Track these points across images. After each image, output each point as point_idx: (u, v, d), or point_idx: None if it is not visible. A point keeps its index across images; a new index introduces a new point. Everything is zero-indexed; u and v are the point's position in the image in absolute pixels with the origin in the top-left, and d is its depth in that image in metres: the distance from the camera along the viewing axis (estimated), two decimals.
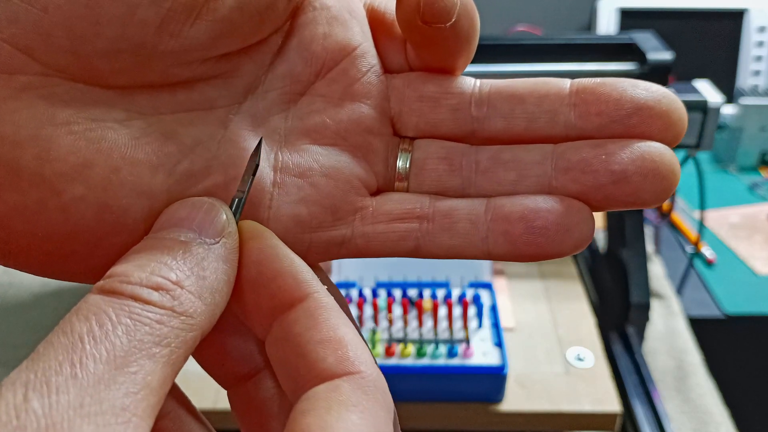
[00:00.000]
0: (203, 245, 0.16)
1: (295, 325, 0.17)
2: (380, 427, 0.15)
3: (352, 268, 0.55)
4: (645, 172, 0.17)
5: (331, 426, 0.15)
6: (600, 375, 0.49)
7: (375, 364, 0.16)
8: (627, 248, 0.60)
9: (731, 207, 0.93)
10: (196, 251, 0.16)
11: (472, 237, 0.19)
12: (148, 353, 0.14)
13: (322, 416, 0.15)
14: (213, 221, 0.17)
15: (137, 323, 0.14)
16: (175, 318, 0.15)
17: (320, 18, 0.19)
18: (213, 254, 0.16)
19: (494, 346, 0.48)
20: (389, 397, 0.16)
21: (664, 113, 0.18)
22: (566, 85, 0.19)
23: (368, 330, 0.49)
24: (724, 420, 0.58)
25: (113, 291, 0.15)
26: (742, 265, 0.82)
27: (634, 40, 0.58)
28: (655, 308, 0.70)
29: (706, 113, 0.57)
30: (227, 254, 0.16)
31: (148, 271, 0.15)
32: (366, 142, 0.20)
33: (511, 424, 0.47)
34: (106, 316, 0.14)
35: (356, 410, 0.15)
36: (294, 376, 0.16)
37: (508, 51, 0.59)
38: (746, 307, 0.76)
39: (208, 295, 0.16)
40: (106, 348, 0.14)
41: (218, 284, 0.16)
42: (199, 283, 0.16)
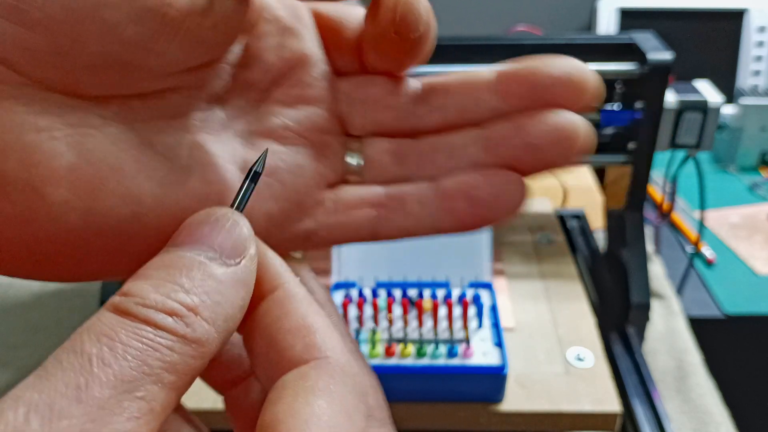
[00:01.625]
0: (223, 266, 0.16)
1: (266, 316, 0.17)
2: (349, 411, 0.16)
3: (352, 268, 0.55)
4: (554, 139, 0.20)
5: (298, 412, 0.15)
6: (600, 375, 0.49)
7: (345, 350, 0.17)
8: (627, 248, 0.60)
9: (731, 207, 0.93)
10: (214, 273, 0.16)
11: (422, 217, 0.21)
12: (155, 379, 0.14)
13: (290, 404, 0.16)
14: (235, 240, 0.16)
15: (148, 348, 0.14)
16: (187, 345, 0.15)
17: (273, 30, 0.20)
18: (232, 277, 0.16)
19: (494, 346, 0.48)
20: (361, 379, 0.17)
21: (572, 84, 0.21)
22: (493, 74, 0.21)
23: (368, 330, 0.49)
24: (724, 420, 0.58)
25: (127, 312, 0.15)
26: (742, 265, 0.82)
27: (634, 40, 0.58)
28: (656, 308, 0.70)
29: (706, 113, 0.57)
30: (246, 277, 0.16)
31: (164, 294, 0.15)
32: (323, 141, 0.21)
33: (512, 424, 0.47)
34: (117, 339, 0.14)
35: (323, 395, 0.16)
36: (267, 366, 0.17)
37: (508, 51, 0.59)
38: (746, 307, 0.76)
39: (222, 323, 0.16)
40: (114, 372, 0.14)
41: (233, 310, 0.16)
42: (215, 309, 0.16)
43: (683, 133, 0.58)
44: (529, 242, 0.66)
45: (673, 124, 0.58)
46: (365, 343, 0.48)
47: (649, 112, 0.57)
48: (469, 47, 0.60)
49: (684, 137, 0.58)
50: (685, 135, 0.58)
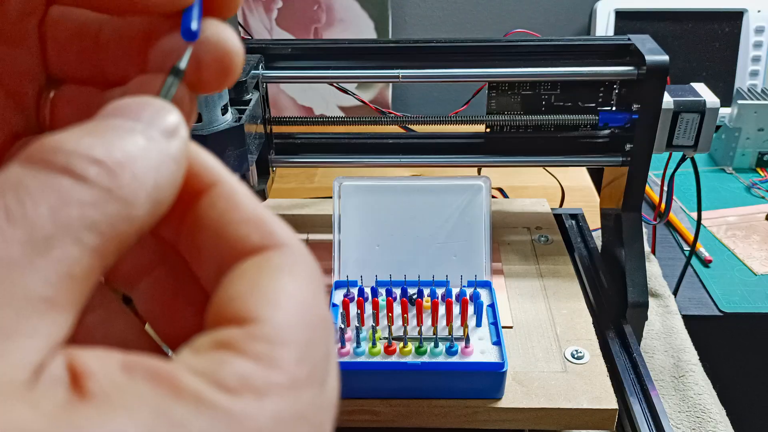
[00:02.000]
0: (152, 139, 0.14)
1: (211, 209, 0.15)
2: (314, 290, 0.15)
3: (352, 267, 0.55)
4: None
5: (264, 286, 0.14)
6: (598, 373, 0.50)
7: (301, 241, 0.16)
8: (624, 248, 0.61)
9: (729, 208, 0.93)
10: (141, 141, 0.14)
11: None
12: (74, 239, 0.12)
13: (255, 280, 0.14)
14: (166, 119, 0.15)
15: (65, 202, 0.12)
16: (112, 203, 0.13)
17: None
18: (161, 150, 0.14)
19: (493, 344, 0.49)
20: (318, 267, 0.16)
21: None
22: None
23: (368, 328, 0.50)
24: (722, 418, 0.58)
25: (41, 161, 0.13)
26: (739, 264, 0.82)
27: (631, 42, 0.59)
28: (653, 307, 0.70)
29: (704, 115, 0.58)
30: (177, 155, 0.15)
31: (87, 144, 0.13)
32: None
33: (510, 421, 0.48)
34: (26, 192, 0.12)
35: (289, 273, 0.15)
36: (215, 260, 0.16)
37: (505, 53, 0.60)
38: (744, 307, 0.76)
39: (153, 189, 0.14)
40: (24, 229, 0.12)
41: (164, 181, 0.14)
42: (145, 171, 0.14)
43: (681, 135, 0.59)
44: (528, 241, 0.66)
45: (670, 126, 0.58)
46: (365, 341, 0.49)
47: (647, 114, 0.57)
48: (467, 49, 0.60)
49: (681, 138, 0.59)
50: (682, 136, 0.59)
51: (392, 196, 0.58)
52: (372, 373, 0.47)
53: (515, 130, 0.64)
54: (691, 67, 1.11)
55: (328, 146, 0.66)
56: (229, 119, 0.51)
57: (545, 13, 1.18)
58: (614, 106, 0.63)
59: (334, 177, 0.58)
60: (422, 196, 0.57)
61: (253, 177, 0.61)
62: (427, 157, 0.65)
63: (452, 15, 1.19)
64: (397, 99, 1.25)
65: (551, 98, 0.63)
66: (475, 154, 0.65)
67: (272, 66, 0.61)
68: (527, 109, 0.64)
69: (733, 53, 1.12)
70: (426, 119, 0.62)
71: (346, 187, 0.57)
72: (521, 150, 0.65)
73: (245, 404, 0.13)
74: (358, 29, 1.14)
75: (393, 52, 0.61)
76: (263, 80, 0.59)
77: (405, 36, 1.21)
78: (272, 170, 0.64)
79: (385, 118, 0.62)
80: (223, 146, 0.50)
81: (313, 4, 1.13)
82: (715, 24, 1.11)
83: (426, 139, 0.67)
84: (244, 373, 0.13)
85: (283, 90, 1.18)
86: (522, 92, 0.63)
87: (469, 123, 0.62)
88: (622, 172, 0.61)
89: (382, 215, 0.57)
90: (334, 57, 0.61)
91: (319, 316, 0.15)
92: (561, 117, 0.61)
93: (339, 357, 0.48)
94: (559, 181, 0.87)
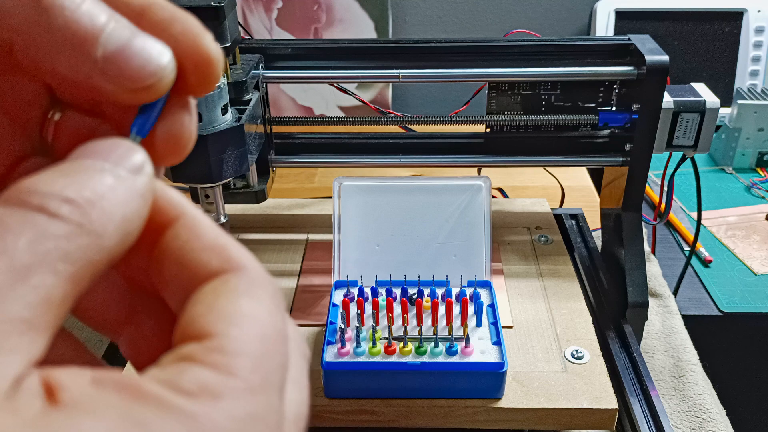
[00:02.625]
0: (119, 178, 0.16)
1: (175, 240, 0.17)
2: (270, 309, 0.16)
3: (352, 267, 0.55)
4: None
5: (221, 308, 0.16)
6: (598, 373, 0.50)
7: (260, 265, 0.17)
8: (624, 248, 0.61)
9: (729, 208, 0.93)
10: (109, 180, 0.15)
11: None
12: (50, 268, 0.14)
13: (211, 302, 0.16)
14: (132, 158, 0.16)
15: (41, 237, 0.14)
16: (84, 236, 0.14)
17: None
18: (130, 186, 0.16)
19: (493, 344, 0.49)
20: (277, 287, 0.17)
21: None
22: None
23: (368, 328, 0.50)
24: (722, 418, 0.58)
25: (18, 201, 0.14)
26: (739, 265, 0.82)
27: (631, 42, 0.59)
28: (653, 307, 0.70)
29: (704, 115, 0.58)
30: (144, 191, 0.16)
31: (60, 185, 0.15)
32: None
33: (510, 421, 0.48)
34: (6, 228, 0.14)
35: (245, 294, 0.16)
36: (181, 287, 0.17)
37: (505, 53, 0.60)
38: (744, 307, 0.76)
39: (120, 222, 0.15)
40: (4, 260, 0.13)
41: (131, 214, 0.16)
42: (112, 206, 0.15)
43: (681, 135, 0.59)
44: (528, 241, 0.66)
45: (670, 126, 0.58)
46: (365, 341, 0.49)
47: (647, 114, 0.57)
48: (467, 49, 0.60)
49: (681, 138, 0.59)
50: (682, 136, 0.59)
51: (392, 196, 0.58)
52: (372, 373, 0.47)
53: (515, 130, 0.64)
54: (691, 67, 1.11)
55: (328, 146, 0.66)
56: (229, 119, 0.51)
57: (545, 13, 1.18)
58: (614, 106, 0.63)
59: (334, 177, 0.58)
60: (422, 196, 0.57)
61: (253, 177, 0.61)
62: (427, 157, 0.65)
63: (452, 15, 1.19)
64: (397, 99, 1.25)
65: (551, 98, 0.63)
66: (475, 154, 0.65)
67: (272, 66, 0.61)
68: (527, 109, 0.64)
69: (733, 53, 1.12)
70: (426, 119, 0.62)
71: (346, 187, 0.57)
72: (521, 150, 0.65)
73: (202, 405, 0.14)
74: (358, 29, 1.14)
75: (393, 52, 0.61)
76: (263, 80, 0.59)
77: (405, 36, 1.21)
78: (272, 170, 0.64)
79: (385, 118, 0.62)
80: (223, 146, 0.50)
81: (313, 4, 1.13)
82: (715, 24, 1.11)
83: (426, 139, 0.67)
84: (202, 379, 0.14)
85: (283, 90, 1.18)
86: (522, 92, 0.63)
87: (469, 123, 0.62)
88: (622, 172, 0.61)
89: (382, 215, 0.57)
90: (334, 57, 0.61)
91: (274, 329, 0.16)
92: (561, 117, 0.61)
93: (339, 357, 0.48)
94: (559, 181, 0.87)
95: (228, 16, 0.53)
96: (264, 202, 0.62)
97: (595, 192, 0.94)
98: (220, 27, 0.53)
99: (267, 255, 0.65)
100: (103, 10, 0.17)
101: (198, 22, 0.19)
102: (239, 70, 0.56)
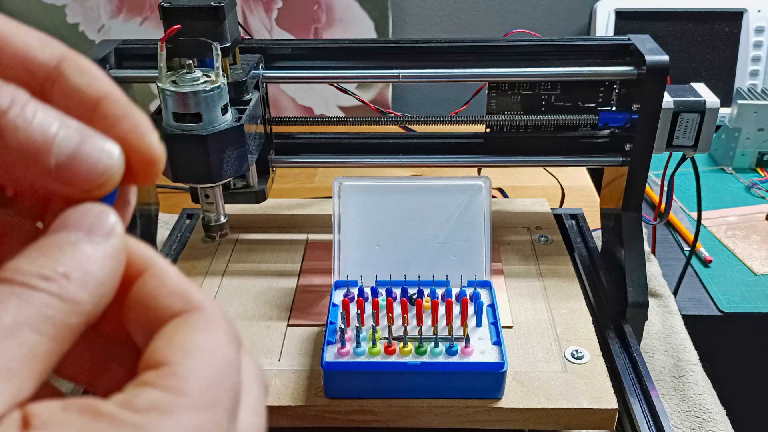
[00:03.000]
0: (92, 244, 0.18)
1: (143, 288, 0.19)
2: (223, 341, 0.18)
3: (352, 267, 0.55)
4: None
5: (178, 342, 0.18)
6: (598, 373, 0.50)
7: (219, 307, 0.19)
8: (624, 248, 0.61)
9: (729, 208, 0.93)
10: (84, 249, 0.18)
11: None
12: (34, 329, 0.16)
13: (170, 336, 0.18)
14: (102, 223, 0.18)
15: (25, 304, 0.16)
16: (62, 303, 0.17)
17: None
18: (100, 251, 0.18)
19: (493, 344, 0.49)
20: (233, 325, 0.19)
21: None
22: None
23: (368, 328, 0.50)
24: (722, 418, 0.58)
25: (3, 279, 0.17)
26: (739, 264, 0.82)
27: (631, 42, 0.59)
28: (653, 307, 0.70)
29: (704, 115, 0.58)
30: (115, 252, 0.18)
31: (38, 265, 0.17)
32: None
33: (510, 421, 0.48)
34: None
35: (201, 329, 0.18)
36: (149, 330, 0.19)
37: (505, 53, 0.60)
38: (744, 307, 0.76)
39: (94, 287, 0.17)
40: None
41: (104, 278, 0.18)
42: (86, 276, 0.17)
43: (681, 135, 0.59)
44: (528, 241, 0.66)
45: (670, 126, 0.58)
46: (365, 341, 0.49)
47: (647, 114, 0.57)
48: (467, 49, 0.60)
49: (681, 138, 0.59)
50: (682, 136, 0.59)
51: (392, 196, 0.58)
52: (372, 373, 0.47)
53: (515, 130, 0.64)
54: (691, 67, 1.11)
55: (328, 146, 0.66)
56: (229, 119, 0.51)
57: (545, 13, 1.18)
58: (614, 106, 0.63)
59: (334, 177, 0.58)
60: (422, 196, 0.57)
61: (253, 177, 0.61)
62: (427, 157, 0.65)
63: (452, 15, 1.19)
64: (397, 99, 1.25)
65: (551, 98, 0.63)
66: (475, 154, 0.65)
67: (272, 66, 0.61)
68: (527, 109, 0.64)
69: (733, 53, 1.12)
70: (426, 119, 0.62)
71: (346, 187, 0.57)
72: (521, 150, 0.65)
73: (150, 418, 0.16)
74: (358, 29, 1.14)
75: (393, 52, 0.61)
76: (263, 80, 0.59)
77: (405, 36, 1.21)
78: (272, 170, 0.64)
79: (385, 118, 0.62)
80: (223, 146, 0.50)
81: (313, 4, 1.13)
82: (715, 24, 1.11)
83: (426, 139, 0.67)
84: (154, 398, 0.16)
85: (283, 90, 1.18)
86: (522, 92, 0.63)
87: (469, 123, 0.62)
88: (622, 172, 0.61)
89: (382, 215, 0.57)
90: (334, 57, 0.61)
91: (226, 360, 0.18)
92: (561, 117, 0.61)
93: (339, 357, 0.48)
94: (559, 181, 0.88)
95: (228, 16, 0.53)
96: (264, 202, 0.62)
97: (595, 192, 0.94)
98: (220, 27, 0.53)
99: (267, 255, 0.65)
100: (54, 118, 0.18)
101: (146, 119, 0.20)
102: (239, 70, 0.56)
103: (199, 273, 0.62)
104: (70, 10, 1.13)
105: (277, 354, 0.52)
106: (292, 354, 0.52)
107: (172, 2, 0.52)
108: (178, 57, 0.52)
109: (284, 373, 0.50)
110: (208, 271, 0.63)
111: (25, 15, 1.10)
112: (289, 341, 0.54)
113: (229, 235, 0.60)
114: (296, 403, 0.48)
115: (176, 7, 0.52)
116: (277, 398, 0.48)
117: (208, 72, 0.50)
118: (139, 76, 0.59)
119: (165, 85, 0.48)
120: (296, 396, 0.48)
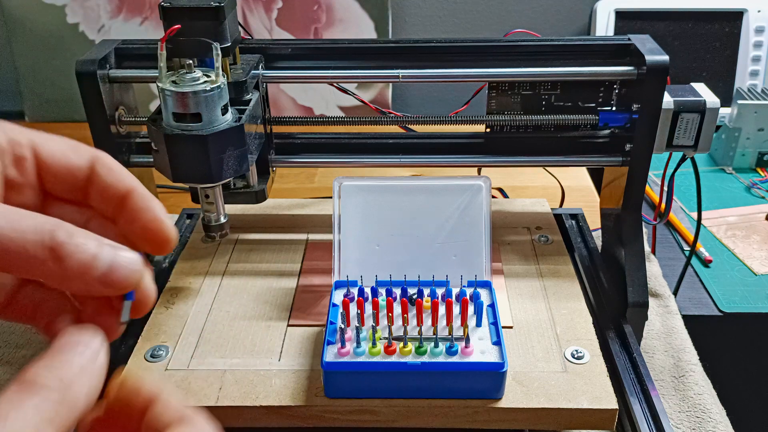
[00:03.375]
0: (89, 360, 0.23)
1: (153, 412, 0.24)
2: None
3: (352, 267, 0.55)
4: None
5: None
6: (598, 373, 0.50)
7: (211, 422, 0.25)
8: (624, 248, 0.61)
9: (729, 208, 0.94)
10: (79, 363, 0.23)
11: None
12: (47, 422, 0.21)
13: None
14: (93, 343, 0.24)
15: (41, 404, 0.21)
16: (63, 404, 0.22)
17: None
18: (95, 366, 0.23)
19: (493, 344, 0.49)
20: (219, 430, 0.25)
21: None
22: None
23: (368, 328, 0.50)
24: (722, 418, 0.58)
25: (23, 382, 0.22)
26: (739, 264, 0.82)
27: (631, 42, 0.59)
28: (653, 307, 0.70)
29: (704, 115, 0.58)
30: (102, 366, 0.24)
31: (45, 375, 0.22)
32: None
33: (510, 421, 0.48)
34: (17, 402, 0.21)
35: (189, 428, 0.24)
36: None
37: (506, 53, 0.60)
38: (744, 307, 0.76)
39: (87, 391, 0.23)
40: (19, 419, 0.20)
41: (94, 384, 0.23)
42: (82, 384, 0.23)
43: (681, 135, 0.59)
44: (528, 241, 0.66)
45: (670, 126, 0.58)
46: (365, 341, 0.49)
47: (647, 114, 0.57)
48: (467, 49, 0.60)
49: (681, 138, 0.59)
50: (682, 136, 0.59)
51: (392, 196, 0.58)
52: (372, 373, 0.47)
53: (515, 130, 0.64)
54: (691, 67, 1.11)
55: (328, 146, 0.66)
56: (229, 119, 0.51)
57: (545, 13, 1.18)
58: (614, 106, 0.63)
59: (334, 177, 0.58)
60: (422, 196, 0.57)
61: (253, 177, 0.61)
62: (427, 157, 0.65)
63: (452, 15, 1.19)
64: (397, 99, 1.25)
65: (551, 98, 0.63)
66: (475, 154, 0.65)
67: (272, 66, 0.61)
68: (527, 109, 0.64)
69: (733, 53, 1.12)
70: (426, 119, 0.62)
71: (346, 187, 0.57)
72: (521, 150, 0.65)
73: None
74: (358, 29, 1.14)
75: (393, 52, 0.61)
76: (263, 80, 0.59)
77: (405, 36, 1.21)
78: (272, 170, 0.64)
79: (385, 118, 0.62)
80: (223, 146, 0.50)
81: (313, 4, 1.13)
82: (715, 24, 1.11)
83: (426, 139, 0.67)
84: None
85: (283, 90, 1.18)
86: (522, 92, 0.63)
87: (469, 123, 0.62)
88: (622, 172, 0.61)
89: (382, 215, 0.57)
90: (334, 57, 0.61)
91: None
92: (561, 117, 0.61)
93: (339, 357, 0.48)
94: (559, 181, 0.88)
95: (228, 16, 0.53)
96: (264, 202, 0.62)
97: (595, 192, 0.94)
98: (220, 27, 0.53)
99: (267, 255, 0.65)
100: (92, 239, 0.24)
101: (162, 207, 0.27)
102: (239, 70, 0.56)
103: (199, 273, 0.62)
104: (70, 10, 1.13)
105: (277, 354, 0.52)
106: (292, 354, 0.52)
107: (172, 2, 0.52)
108: (178, 57, 0.52)
109: (284, 373, 0.51)
110: (208, 271, 0.63)
111: (25, 15, 1.10)
112: (289, 341, 0.54)
113: (229, 235, 0.60)
114: (296, 403, 0.48)
115: (176, 7, 0.52)
116: (277, 398, 0.48)
117: (208, 72, 0.50)
118: (139, 76, 0.59)
119: (165, 85, 0.48)
120: (296, 396, 0.48)
